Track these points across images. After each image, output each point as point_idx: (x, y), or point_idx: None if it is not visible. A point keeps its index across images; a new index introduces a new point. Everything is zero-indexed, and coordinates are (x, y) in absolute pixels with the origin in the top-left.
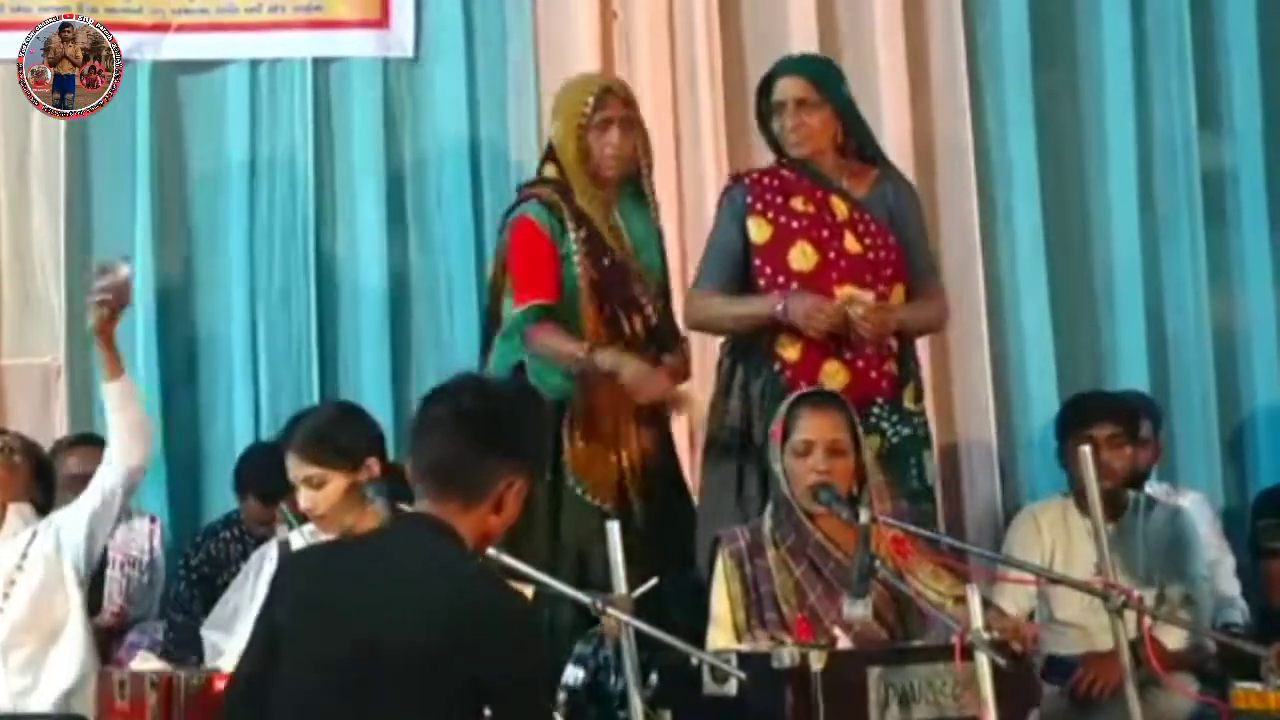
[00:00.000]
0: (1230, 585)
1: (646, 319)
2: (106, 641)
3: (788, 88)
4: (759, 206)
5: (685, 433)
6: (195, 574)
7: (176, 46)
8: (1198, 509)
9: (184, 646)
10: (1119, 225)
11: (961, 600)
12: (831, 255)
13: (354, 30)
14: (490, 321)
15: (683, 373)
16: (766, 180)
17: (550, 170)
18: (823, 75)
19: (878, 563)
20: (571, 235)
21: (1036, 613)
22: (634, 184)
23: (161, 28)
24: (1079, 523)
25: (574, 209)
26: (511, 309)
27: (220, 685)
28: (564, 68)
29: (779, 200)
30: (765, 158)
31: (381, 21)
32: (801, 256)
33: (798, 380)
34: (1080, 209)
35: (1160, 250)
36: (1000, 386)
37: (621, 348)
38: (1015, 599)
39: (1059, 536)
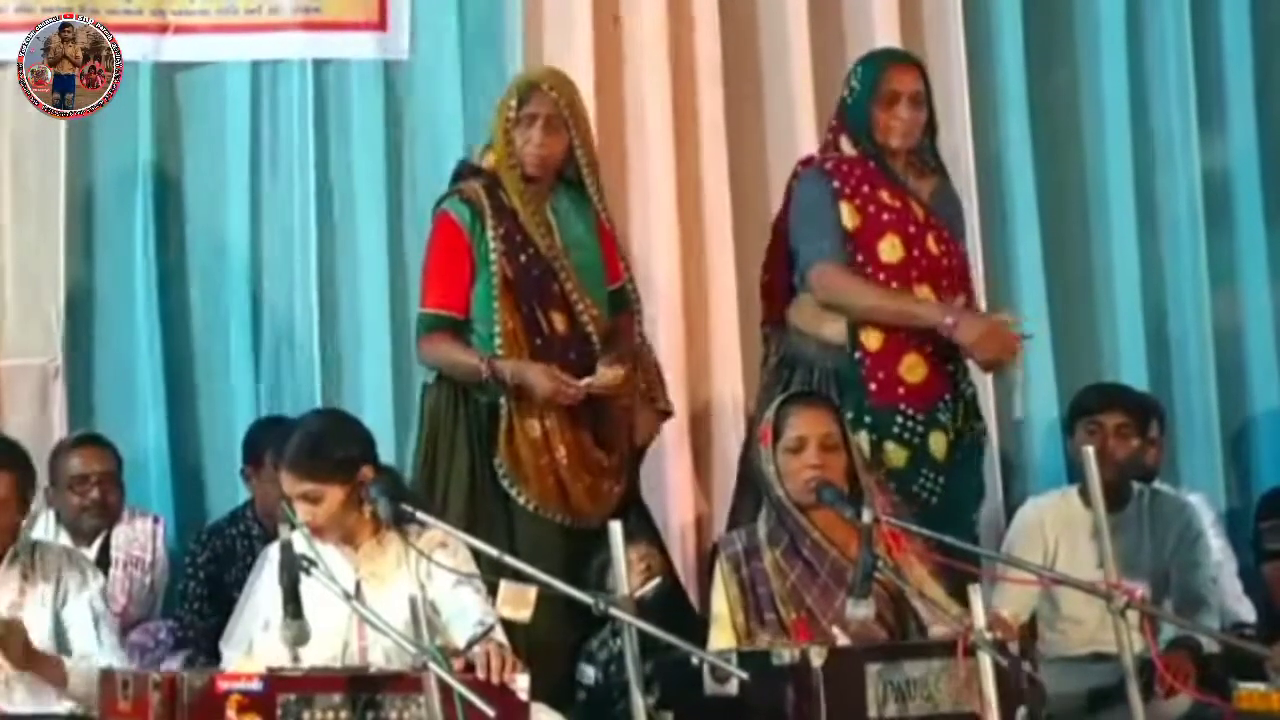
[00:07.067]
0: (1233, 586)
1: (574, 316)
2: None
3: (910, 80)
4: (847, 192)
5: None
6: (202, 572)
7: (175, 48)
8: (1200, 510)
9: (193, 644)
10: (1118, 226)
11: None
12: (915, 253)
13: (352, 32)
14: None
15: (616, 372)
16: (847, 168)
17: (489, 160)
18: (927, 76)
19: (880, 563)
20: (490, 232)
21: (1039, 610)
22: (576, 183)
23: (161, 28)
24: (1083, 515)
25: (497, 203)
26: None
27: (224, 686)
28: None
29: (866, 189)
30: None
31: (379, 24)
32: (890, 249)
33: (875, 370)
34: (1079, 210)
35: (1160, 251)
36: (1001, 387)
37: (538, 347)
38: (1018, 597)
39: (1062, 530)
